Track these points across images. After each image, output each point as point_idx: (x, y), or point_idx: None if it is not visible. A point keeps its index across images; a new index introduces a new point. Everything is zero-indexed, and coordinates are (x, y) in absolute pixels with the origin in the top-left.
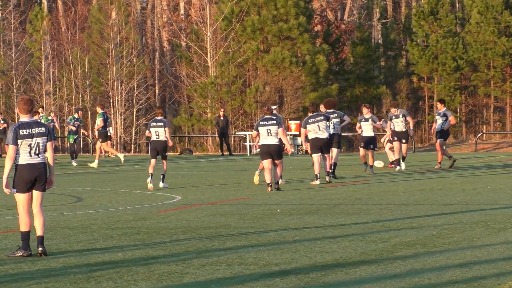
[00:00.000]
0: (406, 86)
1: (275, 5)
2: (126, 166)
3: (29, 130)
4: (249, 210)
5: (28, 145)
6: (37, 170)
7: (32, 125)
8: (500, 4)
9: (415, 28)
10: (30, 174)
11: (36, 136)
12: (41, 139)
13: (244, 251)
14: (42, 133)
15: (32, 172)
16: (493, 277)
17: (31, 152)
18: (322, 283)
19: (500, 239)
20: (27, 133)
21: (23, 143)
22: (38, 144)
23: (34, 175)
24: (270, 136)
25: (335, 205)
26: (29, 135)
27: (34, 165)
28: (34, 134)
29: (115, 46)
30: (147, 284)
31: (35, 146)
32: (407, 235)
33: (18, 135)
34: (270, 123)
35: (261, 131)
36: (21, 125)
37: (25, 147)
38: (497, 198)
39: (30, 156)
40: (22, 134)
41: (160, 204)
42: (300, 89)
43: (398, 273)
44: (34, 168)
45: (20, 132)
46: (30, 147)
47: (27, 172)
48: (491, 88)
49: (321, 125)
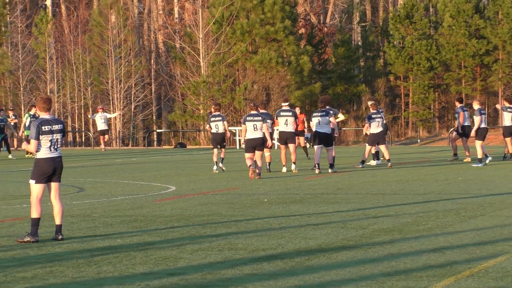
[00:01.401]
0: (384, 85)
1: (262, 10)
2: (125, 158)
3: (50, 127)
4: (238, 200)
5: (49, 141)
6: (55, 163)
7: (52, 122)
8: (471, 9)
9: (392, 31)
10: (49, 167)
11: (56, 132)
12: (59, 135)
13: (234, 237)
14: (60, 129)
15: (51, 165)
16: (465, 261)
17: (51, 147)
18: (306, 267)
19: (471, 226)
20: (48, 129)
21: (44, 139)
22: (57, 139)
23: (52, 167)
24: (256, 130)
25: (318, 195)
26: (50, 131)
27: (53, 159)
28: (54, 130)
29: (114, 47)
30: (144, 268)
31: (55, 142)
32: (385, 222)
33: (40, 131)
34: (256, 119)
35: (248, 126)
36: (43, 122)
37: (46, 142)
38: (467, 188)
39: (50, 150)
40: (44, 130)
41: (156, 194)
42: (285, 87)
43: (376, 257)
44: (53, 162)
45: (42, 128)
46: (51, 142)
47: (46, 165)
48: (462, 86)
49: (322, 120)
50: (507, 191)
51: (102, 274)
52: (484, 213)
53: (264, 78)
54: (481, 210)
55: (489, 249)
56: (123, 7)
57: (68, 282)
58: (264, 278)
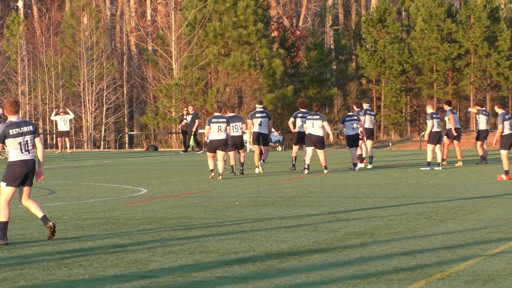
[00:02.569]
0: (356, 88)
1: (235, 13)
2: (96, 160)
3: (18, 129)
4: (210, 202)
5: (18, 143)
6: (28, 166)
7: (21, 124)
8: (443, 13)
9: (364, 35)
10: (22, 169)
11: (25, 134)
12: (29, 136)
13: (205, 240)
14: (30, 131)
15: (24, 168)
16: (436, 264)
17: (22, 149)
18: (278, 270)
19: (442, 229)
20: (17, 132)
21: (13, 142)
22: (27, 141)
23: (25, 170)
24: (220, 132)
25: (290, 198)
26: (18, 134)
27: (26, 161)
28: (24, 132)
29: (86, 49)
30: (115, 270)
31: (25, 144)
32: (356, 225)
33: (7, 135)
34: (220, 121)
35: (212, 127)
36: (10, 125)
37: (16, 145)
38: (439, 191)
39: (22, 153)
40: (12, 134)
41: (128, 196)
42: (258, 90)
43: (348, 260)
44: (26, 164)
45: (9, 131)
46: (20, 145)
47: (19, 168)
48: (434, 90)
49: (315, 123)
50: (478, 194)
51: (72, 277)
52: (455, 217)
53: (237, 81)
54: (452, 214)
55: (460, 252)
56: (96, 9)
57: (38, 284)
58: (235, 281)
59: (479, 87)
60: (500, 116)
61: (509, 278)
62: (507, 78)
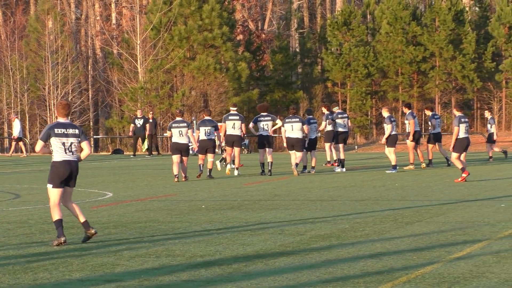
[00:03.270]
0: (321, 91)
1: (200, 16)
2: None
3: (64, 130)
4: (176, 206)
5: (62, 144)
6: (71, 167)
7: (67, 126)
8: (408, 16)
9: (329, 38)
10: (65, 170)
11: (70, 136)
12: (75, 139)
13: (172, 244)
14: (76, 134)
15: (67, 168)
16: (402, 267)
17: (66, 150)
18: (244, 273)
19: (408, 232)
20: (62, 132)
21: (57, 141)
22: (71, 143)
23: (69, 170)
24: (181, 136)
25: (256, 201)
26: (63, 134)
27: (69, 162)
28: (68, 134)
29: (51, 53)
30: (81, 274)
31: (69, 145)
32: (322, 228)
33: (52, 134)
34: (181, 125)
35: (174, 132)
36: (57, 125)
37: (60, 145)
38: (404, 194)
39: (65, 153)
40: (57, 133)
41: (93, 200)
42: (223, 93)
43: (314, 263)
44: (69, 165)
45: (55, 130)
46: (64, 146)
47: (63, 168)
48: (399, 93)
49: (294, 126)
50: (444, 197)
51: (38, 281)
52: (421, 219)
53: (202, 84)
54: (418, 216)
55: (425, 255)
56: (60, 12)
57: None
58: (202, 285)
59: (444, 90)
60: (456, 119)
61: (474, 281)
62: (472, 80)
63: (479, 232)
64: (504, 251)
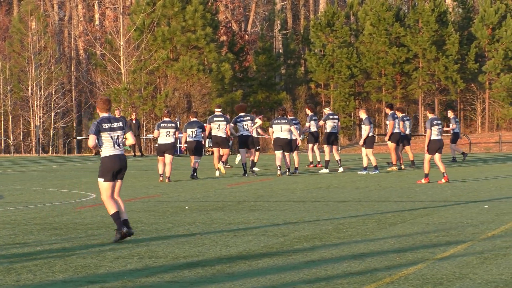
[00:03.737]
0: (305, 92)
1: (183, 17)
2: (45, 165)
3: (110, 124)
4: (159, 207)
5: (110, 138)
6: (121, 160)
7: (111, 120)
8: (391, 17)
9: (313, 39)
10: (115, 163)
11: (116, 130)
12: (120, 132)
13: (155, 245)
14: (120, 126)
15: (117, 162)
16: (385, 268)
17: (114, 144)
18: (227, 274)
19: (391, 233)
20: (108, 127)
21: (104, 136)
22: (118, 136)
23: (118, 164)
24: (168, 136)
25: (239, 202)
26: (110, 129)
27: (118, 156)
28: (114, 128)
29: (35, 54)
30: (64, 275)
31: (116, 139)
32: (305, 229)
33: (101, 128)
34: (169, 126)
35: (161, 132)
36: (103, 120)
37: (109, 139)
38: (388, 195)
39: (114, 148)
40: (104, 128)
41: (77, 201)
42: (207, 94)
43: (297, 264)
44: (118, 158)
45: (102, 125)
46: (112, 140)
47: (112, 162)
48: (382, 94)
49: (283, 127)
50: (427, 198)
51: (21, 282)
52: (404, 220)
53: (185, 86)
54: (401, 217)
55: (409, 256)
56: (44, 13)
57: None
58: (185, 286)
59: (427, 91)
60: (428, 121)
61: (458, 282)
62: (455, 82)
63: (462, 233)
64: (487, 252)
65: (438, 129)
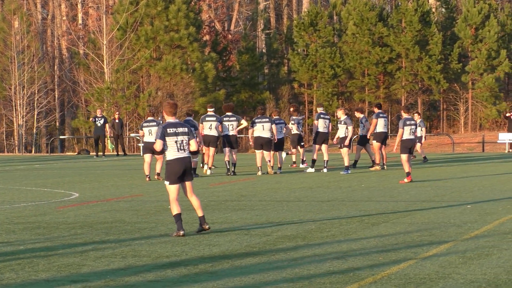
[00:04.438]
0: (288, 92)
1: (167, 16)
2: (28, 165)
3: (174, 129)
4: (142, 206)
5: (174, 142)
6: (185, 163)
7: (177, 125)
8: (374, 17)
9: (296, 38)
10: (180, 167)
11: (180, 135)
12: (185, 137)
13: (138, 244)
14: (185, 132)
15: (181, 165)
16: (368, 268)
17: (178, 148)
18: (210, 273)
19: (374, 233)
20: (173, 131)
21: (169, 140)
22: (182, 141)
23: (183, 167)
24: (150, 135)
25: (222, 202)
26: (174, 134)
27: (183, 159)
28: (179, 132)
29: (18, 53)
30: (47, 274)
31: (181, 143)
32: (288, 229)
33: (165, 133)
34: (151, 125)
35: (145, 131)
36: (168, 125)
37: (173, 144)
38: (370, 195)
39: (178, 151)
40: (169, 133)
41: (59, 200)
42: (190, 94)
43: (280, 264)
44: (183, 161)
45: (167, 130)
46: (176, 144)
47: (177, 165)
48: (365, 94)
49: (265, 126)
50: (409, 198)
51: (4, 281)
52: (387, 220)
53: (169, 85)
54: (384, 217)
55: (392, 256)
56: (27, 12)
57: None
58: (168, 285)
59: (410, 91)
60: (402, 121)
61: (441, 282)
62: (438, 82)
63: (445, 233)
64: (470, 252)
65: (410, 129)
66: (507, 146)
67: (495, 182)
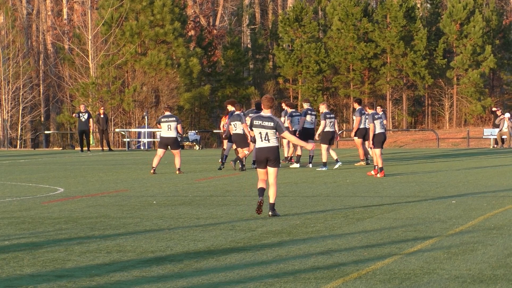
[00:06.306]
0: (273, 87)
1: (152, 11)
2: (12, 160)
3: (260, 122)
4: (127, 202)
5: (259, 133)
6: (266, 152)
7: (264, 118)
8: (359, 12)
9: (281, 34)
10: (261, 155)
11: (265, 128)
12: (270, 131)
13: (123, 240)
14: (271, 126)
15: (263, 153)
16: (352, 263)
17: (262, 138)
18: (195, 269)
19: (359, 228)
20: (259, 124)
21: (256, 131)
22: (266, 133)
23: (264, 155)
24: (170, 130)
25: (207, 197)
26: (259, 126)
27: (264, 148)
28: (265, 126)
29: (3, 48)
30: (32, 270)
31: (265, 135)
32: (273, 224)
33: (252, 124)
34: (170, 120)
35: (163, 126)
36: (257, 117)
37: (257, 134)
38: (355, 190)
39: (261, 141)
40: (254, 124)
41: (44, 195)
42: (175, 89)
43: (265, 259)
44: (264, 151)
45: (254, 122)
46: (260, 135)
47: (259, 153)
48: (350, 89)
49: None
50: (394, 193)
51: None
52: (372, 216)
53: (154, 80)
54: (369, 213)
55: (376, 251)
56: (12, 7)
57: None
58: (153, 280)
59: (395, 87)
60: (370, 116)
61: (425, 277)
62: (423, 77)
63: (430, 228)
64: (455, 248)
65: (380, 122)
66: (492, 142)
67: (480, 178)
